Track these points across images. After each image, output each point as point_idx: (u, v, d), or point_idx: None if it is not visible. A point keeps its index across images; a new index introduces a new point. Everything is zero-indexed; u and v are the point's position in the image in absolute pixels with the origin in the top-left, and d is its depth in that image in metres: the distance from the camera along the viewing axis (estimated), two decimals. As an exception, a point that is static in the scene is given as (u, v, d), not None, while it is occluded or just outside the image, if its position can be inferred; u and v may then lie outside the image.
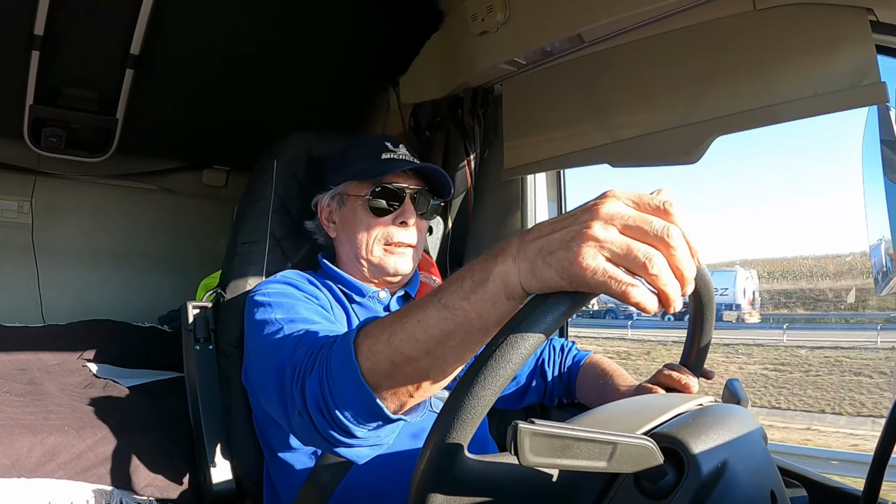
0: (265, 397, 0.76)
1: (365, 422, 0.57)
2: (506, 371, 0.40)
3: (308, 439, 0.65)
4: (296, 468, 0.90)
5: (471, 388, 0.41)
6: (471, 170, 1.35)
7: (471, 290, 0.46)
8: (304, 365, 0.63)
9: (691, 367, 0.76)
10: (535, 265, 0.42)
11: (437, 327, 0.48)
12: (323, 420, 0.59)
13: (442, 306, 0.48)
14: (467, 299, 0.46)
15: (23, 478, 0.90)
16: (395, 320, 0.52)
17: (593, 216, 0.41)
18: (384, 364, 0.53)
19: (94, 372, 1.30)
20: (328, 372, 0.58)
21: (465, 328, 0.47)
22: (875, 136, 0.81)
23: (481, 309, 0.46)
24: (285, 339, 0.74)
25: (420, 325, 0.50)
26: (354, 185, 0.98)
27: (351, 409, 0.56)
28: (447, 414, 0.41)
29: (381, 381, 0.54)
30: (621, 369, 0.98)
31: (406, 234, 0.97)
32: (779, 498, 0.49)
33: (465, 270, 0.48)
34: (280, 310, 0.82)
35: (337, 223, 1.01)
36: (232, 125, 1.68)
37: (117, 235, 1.90)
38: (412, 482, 0.43)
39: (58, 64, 1.37)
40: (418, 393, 0.54)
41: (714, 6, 0.94)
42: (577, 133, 1.17)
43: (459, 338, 0.48)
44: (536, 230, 0.44)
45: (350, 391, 0.55)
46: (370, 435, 0.59)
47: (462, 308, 0.47)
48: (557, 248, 0.41)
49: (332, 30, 1.44)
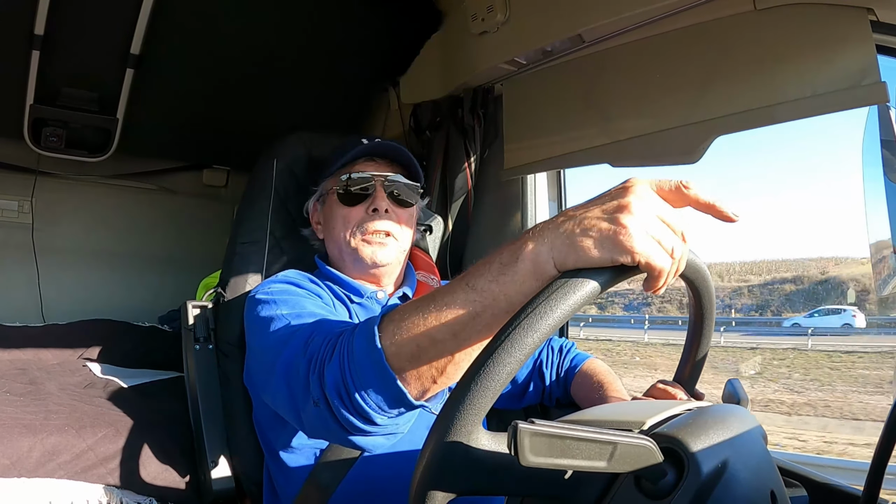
0: (270, 394, 0.75)
1: (387, 408, 0.57)
2: (509, 366, 0.41)
3: (321, 430, 0.64)
4: (296, 468, 0.89)
5: (473, 381, 0.41)
6: (471, 170, 1.35)
7: (499, 272, 0.47)
8: (322, 353, 0.62)
9: (684, 384, 0.75)
10: (574, 239, 0.44)
11: (464, 309, 0.49)
12: (343, 407, 0.58)
13: (470, 289, 0.49)
14: (496, 281, 0.47)
15: (23, 478, 0.90)
16: (422, 304, 0.53)
17: (629, 194, 0.45)
18: (409, 347, 0.53)
19: (94, 372, 1.30)
20: (350, 357, 0.57)
21: (492, 310, 0.48)
22: (875, 136, 0.81)
23: (509, 290, 0.47)
24: (294, 333, 0.73)
25: (447, 308, 0.50)
26: (329, 180, 0.99)
27: (373, 394, 0.56)
28: (450, 407, 0.41)
29: (405, 364, 0.54)
30: (616, 380, 0.97)
31: (380, 222, 0.95)
32: (779, 498, 0.49)
33: (493, 255, 0.49)
34: (285, 306, 0.81)
35: (322, 223, 1.02)
36: (232, 125, 1.68)
37: (117, 235, 1.90)
38: (413, 479, 0.43)
39: (58, 64, 1.37)
40: (441, 378, 0.54)
41: (714, 6, 0.94)
42: (577, 133, 1.16)
43: (486, 320, 0.49)
44: (565, 214, 0.47)
45: (373, 376, 0.55)
46: (390, 422, 0.59)
47: (490, 290, 0.48)
48: (598, 221, 0.44)
49: (332, 30, 1.44)
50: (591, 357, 1.07)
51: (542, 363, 1.08)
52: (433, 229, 1.33)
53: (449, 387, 0.54)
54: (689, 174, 0.86)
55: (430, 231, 1.29)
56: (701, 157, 0.96)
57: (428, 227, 1.27)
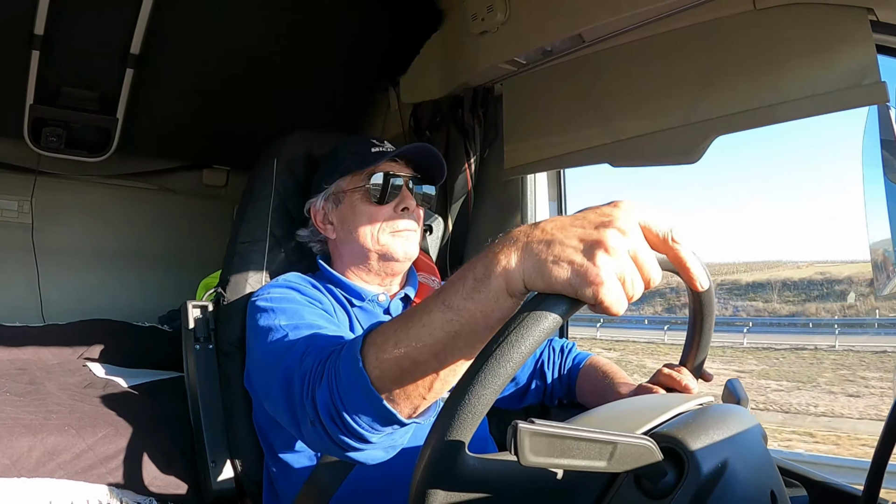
0: (271, 404, 0.76)
1: (379, 427, 0.57)
2: (506, 370, 0.40)
3: (320, 447, 0.65)
4: (296, 468, 0.89)
5: (471, 386, 0.41)
6: (471, 170, 1.35)
7: (473, 290, 0.46)
8: (312, 375, 0.63)
9: (691, 369, 0.76)
10: (544, 265, 0.42)
11: (442, 330, 0.48)
12: (336, 428, 0.59)
13: (446, 308, 0.48)
14: (471, 299, 0.46)
15: (23, 477, 0.90)
16: (400, 326, 0.52)
17: (612, 226, 0.42)
18: (393, 371, 0.53)
19: (94, 372, 1.30)
20: (337, 382, 0.58)
21: (470, 327, 0.47)
22: (875, 136, 0.81)
23: (485, 308, 0.46)
24: (291, 345, 0.73)
25: (426, 329, 0.49)
26: (348, 179, 0.98)
27: (364, 416, 0.56)
28: (448, 412, 0.41)
29: (391, 386, 0.54)
30: (621, 371, 0.98)
31: (409, 221, 0.97)
32: (779, 498, 0.49)
33: (467, 269, 0.47)
34: (284, 315, 0.81)
35: (335, 223, 1.00)
36: (232, 125, 1.69)
37: (117, 235, 1.90)
38: (412, 480, 0.43)
39: (58, 64, 1.37)
40: (430, 394, 0.54)
41: (714, 6, 0.94)
42: (577, 133, 1.17)
43: (466, 338, 0.48)
44: (542, 231, 0.44)
45: (361, 400, 0.55)
46: (385, 439, 0.59)
47: (466, 308, 0.46)
48: (573, 253, 0.41)
49: (332, 30, 1.44)
50: (592, 355, 1.07)
51: (543, 363, 1.08)
52: (433, 229, 1.33)
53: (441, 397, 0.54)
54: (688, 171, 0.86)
55: (430, 231, 1.30)
56: (701, 157, 0.96)
57: (428, 227, 1.27)
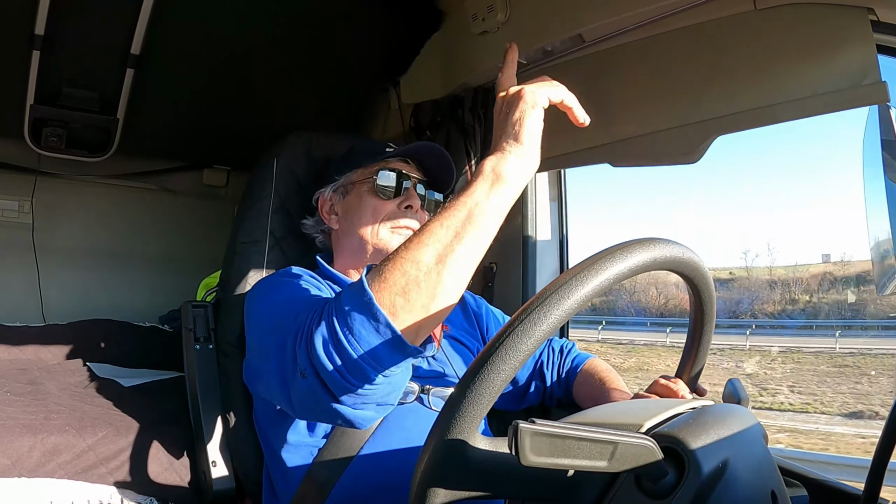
0: (264, 380, 0.74)
1: (381, 357, 0.57)
2: (509, 366, 0.41)
3: (309, 403, 0.63)
4: (294, 466, 0.89)
5: (473, 381, 0.41)
6: (471, 170, 1.35)
7: (461, 192, 0.62)
8: (307, 323, 0.62)
9: (686, 381, 0.75)
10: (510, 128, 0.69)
11: (444, 228, 0.59)
12: (333, 368, 0.57)
13: (442, 217, 0.60)
14: (462, 194, 0.62)
15: (23, 477, 0.90)
16: (402, 245, 0.60)
17: None
18: (398, 280, 0.57)
19: (94, 372, 1.30)
20: (338, 312, 0.58)
21: (472, 218, 0.60)
22: (875, 136, 0.81)
23: (477, 196, 0.61)
24: (286, 315, 0.72)
25: (428, 234, 0.59)
26: (359, 172, 0.99)
27: (365, 342, 0.56)
28: (449, 410, 0.41)
29: (396, 299, 0.56)
30: (618, 378, 0.97)
31: (411, 220, 0.97)
32: (779, 498, 0.49)
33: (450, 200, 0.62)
34: (280, 291, 0.82)
35: (340, 213, 1.01)
36: (232, 125, 1.68)
37: (118, 235, 1.90)
38: (413, 476, 0.43)
39: (58, 64, 1.37)
40: (433, 304, 0.58)
41: (714, 6, 0.94)
42: (577, 133, 1.16)
43: (470, 232, 0.60)
44: None
45: (365, 321, 0.56)
46: (383, 381, 0.59)
47: (461, 201, 0.61)
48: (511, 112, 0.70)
49: (332, 30, 1.44)
50: (592, 357, 1.07)
51: (542, 364, 1.08)
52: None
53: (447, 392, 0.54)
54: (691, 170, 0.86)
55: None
56: (701, 157, 0.96)
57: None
